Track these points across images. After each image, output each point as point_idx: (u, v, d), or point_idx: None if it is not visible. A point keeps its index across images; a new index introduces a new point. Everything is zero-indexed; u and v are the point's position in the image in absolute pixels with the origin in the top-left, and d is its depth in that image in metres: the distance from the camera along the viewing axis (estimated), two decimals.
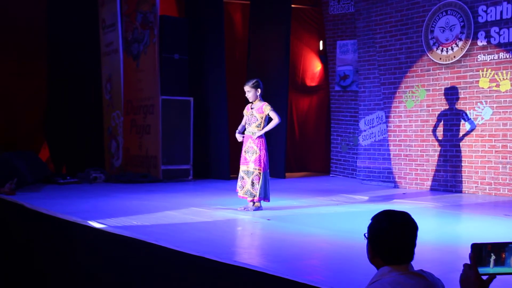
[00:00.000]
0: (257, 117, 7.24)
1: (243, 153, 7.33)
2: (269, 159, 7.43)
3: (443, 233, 6.11)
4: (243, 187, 7.26)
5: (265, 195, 7.20)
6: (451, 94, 9.38)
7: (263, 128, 7.24)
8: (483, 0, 9.00)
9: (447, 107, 9.45)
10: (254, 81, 7.30)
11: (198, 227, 6.11)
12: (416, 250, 2.47)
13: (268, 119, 7.29)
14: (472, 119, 9.11)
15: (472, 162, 9.15)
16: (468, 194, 9.11)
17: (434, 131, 9.59)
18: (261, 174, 7.17)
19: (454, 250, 5.15)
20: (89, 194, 8.71)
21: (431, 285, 2.40)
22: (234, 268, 4.34)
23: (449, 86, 9.44)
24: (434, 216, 7.28)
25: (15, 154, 10.02)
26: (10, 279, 7.61)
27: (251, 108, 7.33)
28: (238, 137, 7.44)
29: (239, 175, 7.33)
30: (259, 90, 7.27)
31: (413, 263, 2.46)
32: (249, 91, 7.26)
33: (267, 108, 7.21)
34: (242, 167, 7.31)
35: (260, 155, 7.19)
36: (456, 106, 9.33)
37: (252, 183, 7.16)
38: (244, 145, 7.34)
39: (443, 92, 9.51)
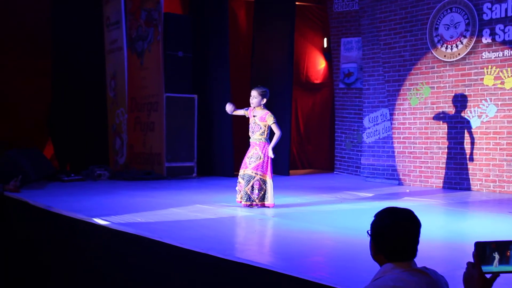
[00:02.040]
0: (260, 125, 7.24)
1: (245, 158, 7.32)
2: (274, 155, 7.40)
3: (447, 231, 6.11)
4: (239, 192, 7.26)
5: (272, 201, 7.20)
6: (456, 91, 9.37)
7: (267, 136, 7.24)
8: None
9: (452, 104, 9.44)
10: (263, 89, 7.28)
11: (202, 224, 6.12)
12: (420, 247, 2.47)
13: (271, 128, 7.27)
14: (477, 117, 9.10)
15: (477, 160, 9.14)
16: (473, 192, 9.10)
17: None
18: (267, 181, 7.13)
19: (458, 248, 5.14)
20: (94, 191, 8.72)
21: (434, 282, 2.40)
22: (238, 265, 4.35)
23: (453, 83, 9.42)
24: (438, 214, 7.28)
25: (19, 152, 10.02)
26: (15, 276, 7.64)
27: (254, 116, 7.31)
28: (230, 107, 7.49)
29: (238, 180, 7.34)
30: (265, 100, 7.26)
31: (417, 260, 2.46)
32: (255, 97, 7.25)
33: (270, 119, 7.19)
34: (240, 172, 7.31)
35: (263, 161, 7.17)
36: (460, 104, 9.32)
37: (252, 188, 7.14)
38: (248, 151, 7.34)
39: (447, 89, 9.50)
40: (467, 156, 9.22)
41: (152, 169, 10.91)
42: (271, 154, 7.18)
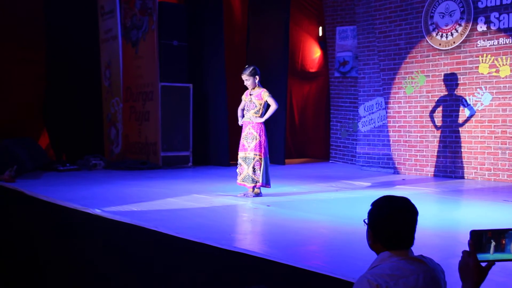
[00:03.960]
0: (255, 104, 7.23)
1: (242, 139, 7.32)
2: (269, 145, 7.43)
3: (443, 219, 6.12)
4: (240, 174, 7.27)
5: (266, 181, 7.21)
6: (451, 80, 9.37)
7: (262, 116, 7.24)
8: None
9: (447, 93, 9.44)
10: (251, 68, 7.27)
11: (198, 213, 6.13)
12: (416, 235, 2.48)
13: (267, 105, 7.28)
14: (472, 105, 9.11)
15: (472, 148, 9.16)
16: (468, 180, 9.12)
17: (432, 116, 9.59)
18: (262, 159, 7.18)
19: (454, 236, 5.16)
20: (89, 181, 8.71)
21: (430, 270, 2.41)
22: (234, 254, 4.35)
23: (448, 72, 9.42)
24: (434, 202, 7.30)
25: (14, 141, 10.01)
26: (10, 266, 7.63)
27: (250, 95, 7.32)
28: (241, 121, 7.46)
29: (238, 162, 7.34)
30: (257, 77, 7.25)
31: (412, 248, 2.47)
32: (248, 80, 7.25)
33: (265, 95, 7.21)
34: (240, 154, 7.31)
35: (260, 141, 7.19)
36: (455, 92, 9.32)
37: (254, 169, 7.16)
38: (243, 131, 7.34)
39: (442, 78, 9.50)
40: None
41: (148, 159, 10.90)
42: (261, 120, 7.20)
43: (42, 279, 6.98)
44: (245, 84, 7.31)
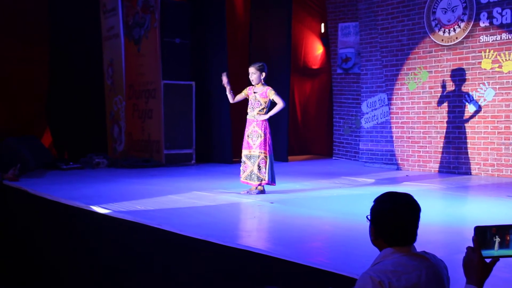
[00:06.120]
0: (260, 102, 7.23)
1: (245, 137, 7.32)
2: (272, 142, 7.42)
3: (446, 215, 6.12)
4: (244, 172, 7.26)
5: (272, 179, 7.21)
6: (454, 75, 9.36)
7: (266, 113, 7.23)
8: None
9: (450, 88, 9.43)
10: (260, 64, 7.29)
11: (201, 211, 6.13)
12: (419, 231, 2.48)
13: (271, 103, 7.27)
14: (475, 101, 9.10)
15: (475, 144, 9.15)
16: (471, 176, 9.11)
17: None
18: (267, 157, 7.17)
19: (457, 232, 5.16)
20: (92, 179, 8.72)
21: (433, 266, 2.41)
22: (238, 251, 4.36)
23: (451, 67, 9.40)
24: (437, 198, 7.29)
25: (18, 140, 10.01)
26: (14, 264, 7.65)
27: (254, 92, 7.31)
28: (228, 92, 7.48)
29: (242, 160, 7.33)
30: (263, 74, 7.25)
31: (416, 244, 2.47)
32: (254, 73, 7.24)
33: (271, 93, 7.20)
34: (244, 152, 7.30)
35: (265, 139, 7.18)
36: (458, 88, 9.31)
37: (259, 167, 7.15)
38: (247, 129, 7.33)
39: (445, 73, 9.48)
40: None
41: (151, 157, 10.90)
42: (266, 117, 7.19)
43: (46, 277, 7.00)
44: (250, 77, 7.30)
